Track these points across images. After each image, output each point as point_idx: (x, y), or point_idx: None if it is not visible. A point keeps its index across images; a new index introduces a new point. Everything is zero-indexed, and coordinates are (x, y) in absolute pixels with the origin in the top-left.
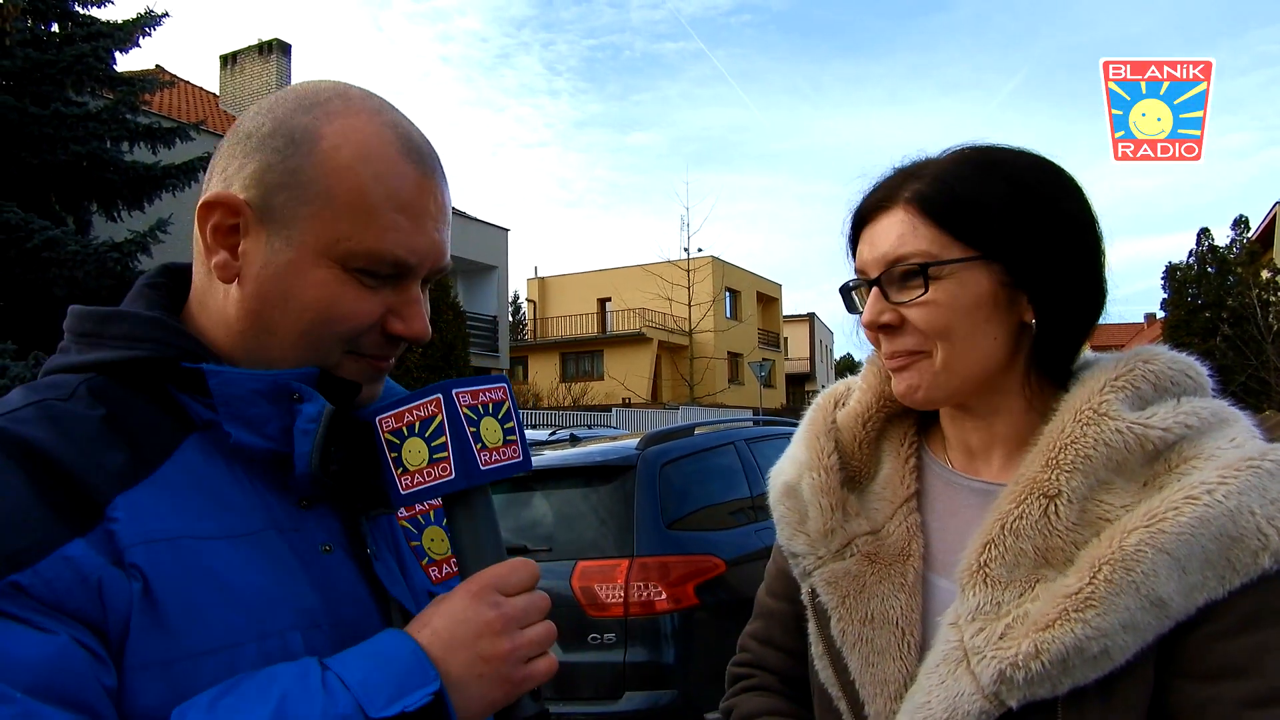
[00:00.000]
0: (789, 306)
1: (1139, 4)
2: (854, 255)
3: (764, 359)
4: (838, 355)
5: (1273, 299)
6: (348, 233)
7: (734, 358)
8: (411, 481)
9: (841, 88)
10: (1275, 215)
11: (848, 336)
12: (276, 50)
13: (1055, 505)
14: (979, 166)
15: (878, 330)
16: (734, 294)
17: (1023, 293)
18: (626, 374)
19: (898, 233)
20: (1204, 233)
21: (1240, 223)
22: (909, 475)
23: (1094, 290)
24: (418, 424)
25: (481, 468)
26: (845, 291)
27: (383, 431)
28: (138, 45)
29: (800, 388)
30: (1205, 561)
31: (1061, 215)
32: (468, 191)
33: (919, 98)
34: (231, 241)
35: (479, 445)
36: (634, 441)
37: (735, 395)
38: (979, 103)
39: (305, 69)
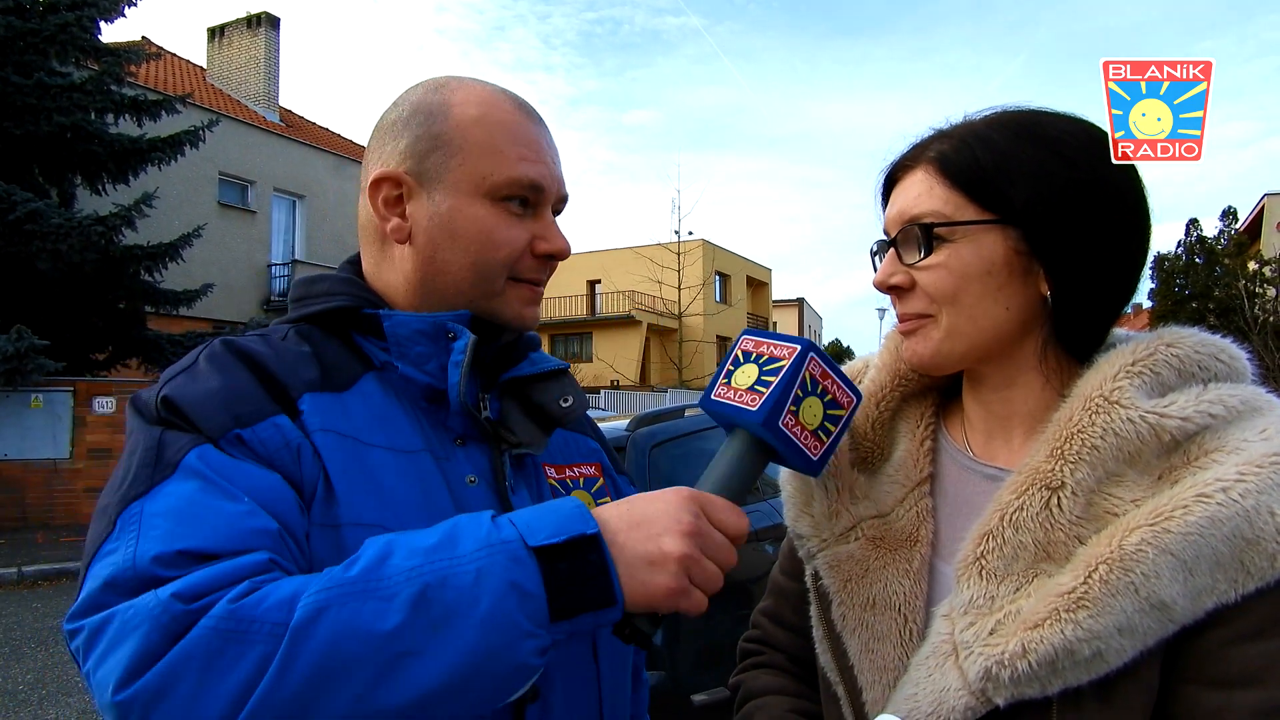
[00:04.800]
0: (779, 291)
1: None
2: (883, 216)
3: None
4: (826, 341)
5: (1259, 290)
6: (488, 170)
7: (723, 341)
8: (722, 394)
9: (840, 69)
10: (1263, 207)
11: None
12: (265, 23)
13: (1058, 498)
14: (1013, 129)
15: (890, 292)
16: (724, 278)
17: (1040, 263)
18: (615, 356)
19: (916, 192)
20: (1193, 223)
21: (1229, 214)
22: (924, 458)
23: (1123, 269)
24: (765, 357)
25: (779, 424)
26: (872, 254)
27: (740, 346)
28: (123, 15)
29: None
30: (1215, 564)
31: (1099, 186)
32: None
33: (917, 81)
34: (399, 209)
35: (791, 408)
36: (624, 423)
37: None
38: (977, 87)
39: (295, 43)
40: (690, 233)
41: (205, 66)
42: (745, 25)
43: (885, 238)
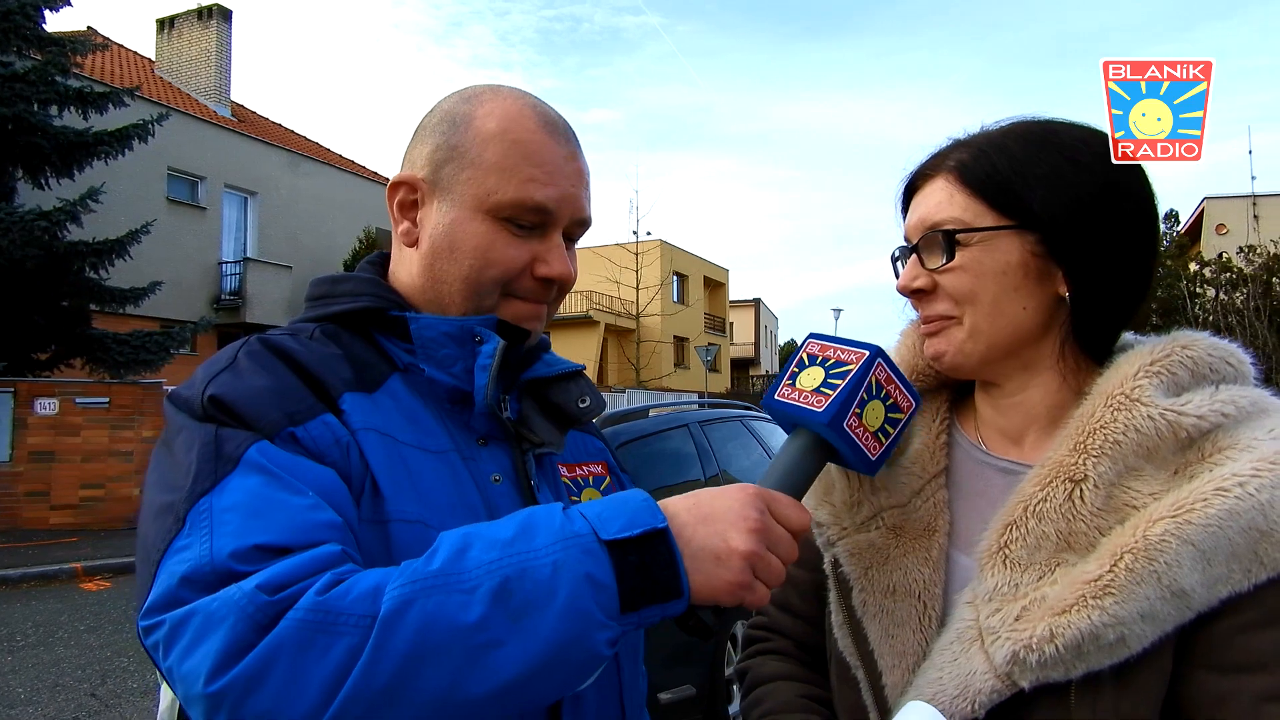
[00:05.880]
0: (735, 292)
1: (1096, 1)
2: (904, 223)
3: (710, 344)
4: (782, 341)
5: (1199, 291)
6: (494, 187)
7: (680, 342)
8: (787, 395)
9: (799, 71)
10: (1203, 210)
11: (795, 321)
12: (217, 15)
13: (1081, 490)
14: (1029, 138)
15: (912, 295)
16: (681, 278)
17: (1058, 266)
18: (572, 356)
19: (936, 200)
20: None
21: (1170, 216)
22: (939, 451)
23: (1138, 269)
24: (833, 360)
25: (844, 425)
26: (894, 259)
27: (806, 349)
28: (68, 4)
29: (745, 372)
30: (1231, 555)
31: (1113, 191)
32: None
33: (877, 84)
34: (412, 214)
35: (856, 411)
36: None
37: (681, 379)
38: (937, 90)
39: (247, 35)
40: (649, 233)
41: (154, 59)
42: (706, 25)
43: (906, 244)
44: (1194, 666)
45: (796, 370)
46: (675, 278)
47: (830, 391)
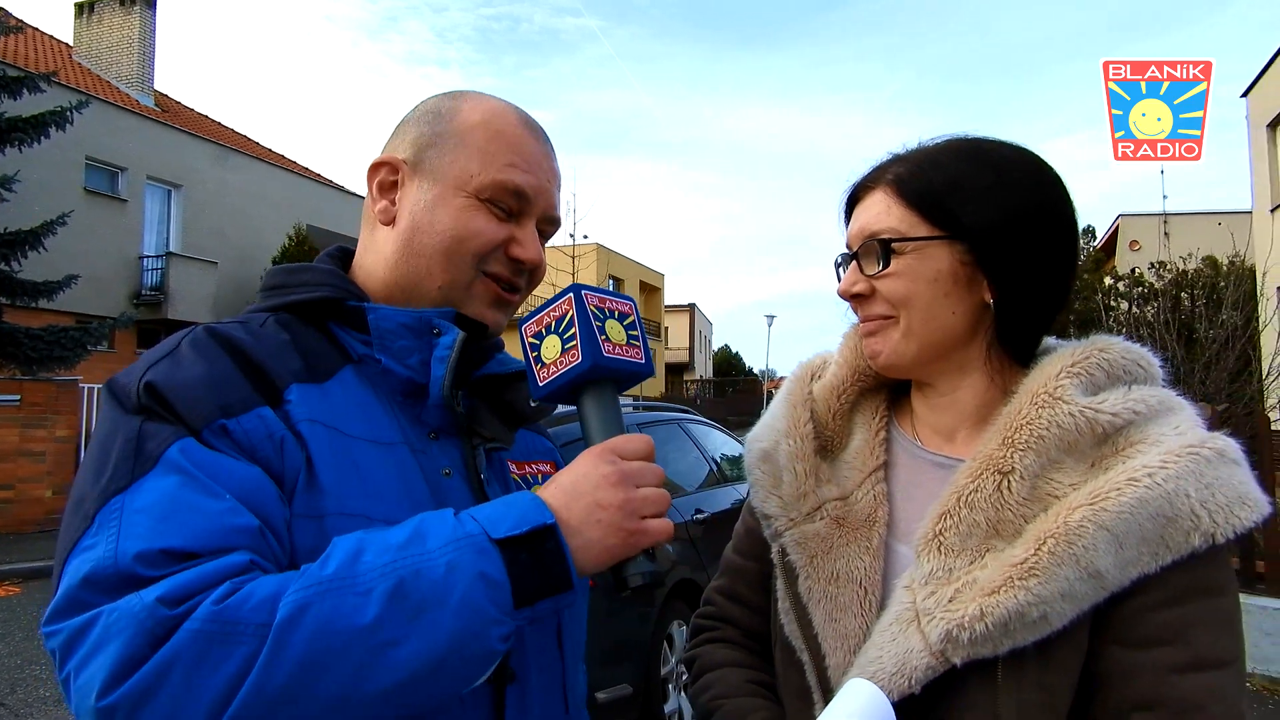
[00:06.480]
0: (671, 296)
1: (1022, 18)
2: (846, 231)
3: None
4: (716, 346)
5: (1113, 304)
6: (477, 169)
7: None
8: (548, 373)
9: (736, 78)
10: (1118, 227)
11: (727, 324)
12: (140, 1)
13: (1008, 481)
14: (962, 155)
15: (852, 299)
16: (617, 282)
17: (984, 274)
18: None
19: (875, 211)
20: None
21: (1087, 232)
22: (878, 447)
23: (1058, 279)
24: (553, 323)
25: (605, 354)
26: (836, 265)
27: (526, 336)
28: None
29: (679, 377)
30: (1141, 539)
31: (1037, 207)
32: (349, 166)
33: (811, 93)
34: (391, 194)
35: (603, 338)
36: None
37: None
38: (864, 102)
39: (172, 22)
40: (585, 236)
41: (72, 44)
42: (646, 30)
43: (848, 251)
44: (1107, 642)
45: (535, 355)
46: (611, 281)
47: (574, 342)
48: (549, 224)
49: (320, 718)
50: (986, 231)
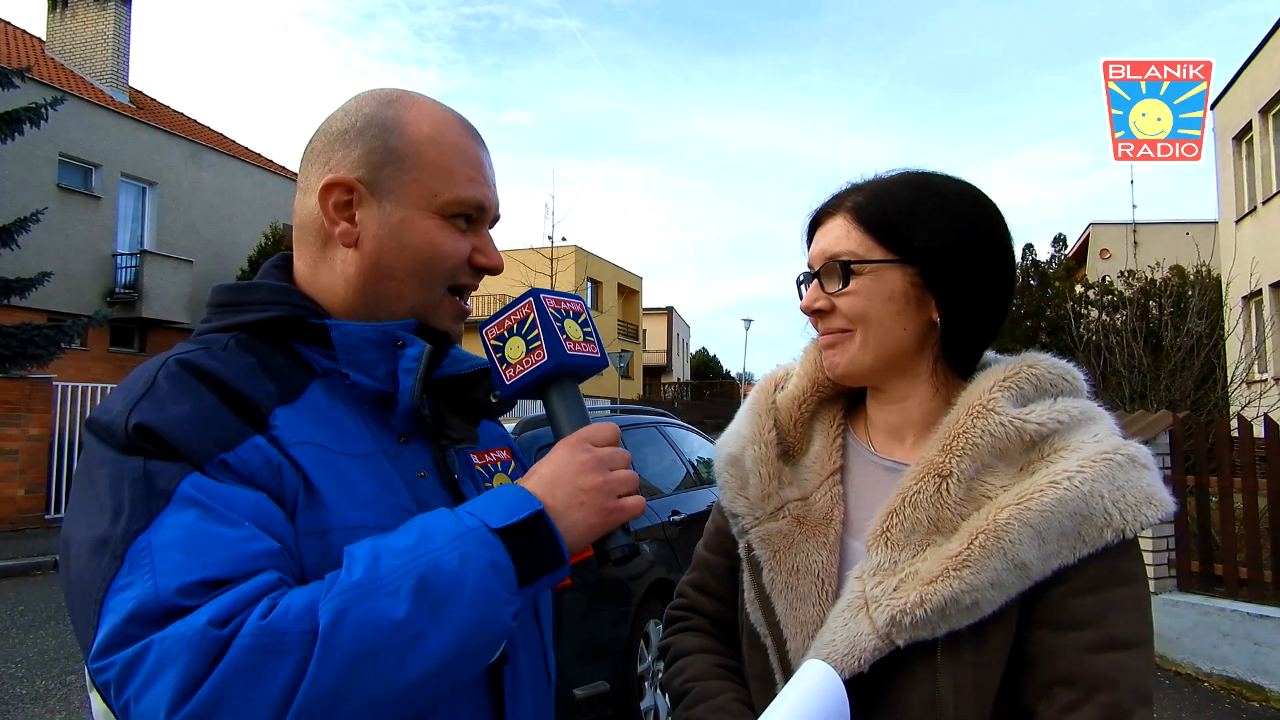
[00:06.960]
0: (649, 299)
1: (991, 27)
2: (808, 252)
3: (623, 350)
4: (693, 349)
5: (1083, 311)
6: (440, 188)
7: None
8: (514, 372)
9: (712, 83)
10: (1089, 235)
11: (707, 326)
12: None
13: (947, 484)
14: (914, 186)
15: (813, 314)
16: (596, 284)
17: (932, 295)
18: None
19: (835, 235)
20: (1028, 248)
21: (1059, 240)
22: (835, 453)
23: (997, 301)
24: (515, 325)
25: (568, 352)
26: (798, 282)
27: (488, 339)
28: None
29: (657, 379)
30: (1061, 534)
31: (979, 235)
32: None
33: (784, 100)
34: (348, 214)
35: (564, 336)
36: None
37: (593, 385)
38: (839, 109)
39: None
40: (564, 238)
41: (45, 39)
42: (624, 32)
43: (809, 270)
44: (1033, 626)
45: (499, 356)
46: (589, 284)
47: (537, 343)
48: (495, 221)
49: (363, 714)
50: (935, 256)
